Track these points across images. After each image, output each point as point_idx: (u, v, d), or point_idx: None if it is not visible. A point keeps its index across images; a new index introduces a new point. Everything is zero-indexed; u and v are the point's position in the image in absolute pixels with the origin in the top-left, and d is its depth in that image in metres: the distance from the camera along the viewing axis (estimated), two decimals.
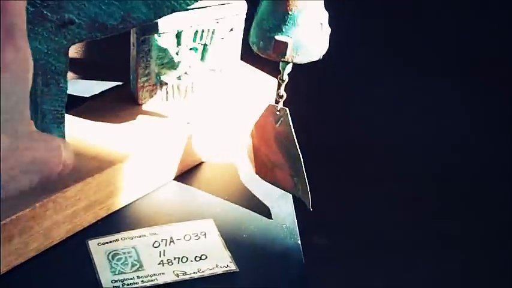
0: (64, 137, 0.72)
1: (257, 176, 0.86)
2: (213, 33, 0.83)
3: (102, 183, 0.77)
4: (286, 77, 0.77)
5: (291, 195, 0.86)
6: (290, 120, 0.78)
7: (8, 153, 0.45)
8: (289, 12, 0.71)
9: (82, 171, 0.75)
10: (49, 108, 0.70)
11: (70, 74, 1.73)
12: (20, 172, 0.46)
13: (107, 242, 0.77)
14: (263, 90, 0.90)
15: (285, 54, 0.73)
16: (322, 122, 1.90)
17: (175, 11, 0.69)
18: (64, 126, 0.72)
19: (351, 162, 1.84)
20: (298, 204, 0.85)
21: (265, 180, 0.85)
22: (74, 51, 1.74)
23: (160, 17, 0.70)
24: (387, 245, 1.67)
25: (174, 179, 0.85)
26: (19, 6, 0.50)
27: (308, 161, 0.84)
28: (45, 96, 0.69)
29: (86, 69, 1.76)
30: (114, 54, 0.96)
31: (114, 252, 0.76)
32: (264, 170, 0.85)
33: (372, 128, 1.92)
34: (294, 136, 0.78)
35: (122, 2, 0.66)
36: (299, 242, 0.80)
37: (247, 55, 0.86)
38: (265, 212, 0.83)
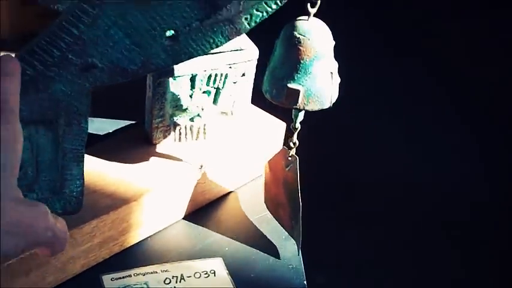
0: (83, 175, 0.75)
1: (264, 217, 0.89)
2: (225, 77, 0.87)
3: (117, 221, 0.79)
4: (298, 125, 0.81)
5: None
6: (298, 169, 0.81)
7: None
8: (301, 62, 0.75)
9: (97, 209, 0.78)
10: (70, 147, 0.73)
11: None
12: (4, 232, 0.47)
13: (120, 278, 0.80)
14: (272, 134, 0.93)
15: (297, 101, 0.76)
16: (327, 163, 1.94)
17: (192, 57, 0.73)
18: (83, 164, 0.75)
19: (351, 203, 1.87)
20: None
21: (269, 212, 0.88)
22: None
23: (178, 63, 0.74)
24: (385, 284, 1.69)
25: (185, 218, 0.88)
26: (11, 84, 0.54)
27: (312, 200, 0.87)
28: (66, 135, 0.72)
29: (100, 108, 1.80)
30: (128, 93, 0.99)
31: (127, 287, 0.79)
32: (270, 203, 0.89)
33: (371, 169, 1.95)
34: (299, 185, 0.81)
35: (142, 48, 0.70)
36: (305, 282, 0.83)
37: (258, 99, 0.89)
38: (273, 252, 0.86)
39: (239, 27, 0.72)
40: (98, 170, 0.83)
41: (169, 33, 0.70)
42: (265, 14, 0.73)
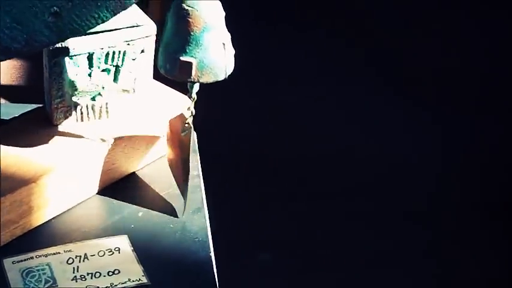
0: None
1: (172, 193, 0.89)
2: (124, 54, 0.86)
3: (15, 203, 0.78)
4: (194, 96, 0.81)
5: (205, 210, 0.89)
6: (191, 138, 0.82)
7: None
8: (191, 34, 0.75)
9: None
10: None
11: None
12: None
13: (22, 260, 0.79)
14: (175, 108, 0.93)
15: (191, 74, 0.76)
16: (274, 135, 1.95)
17: (78, 34, 0.72)
18: None
19: (298, 178, 1.88)
20: (245, 220, 0.88)
21: (170, 167, 0.90)
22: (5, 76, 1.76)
23: (63, 40, 0.73)
24: (333, 261, 1.70)
25: (90, 198, 0.87)
26: None
27: (255, 174, 0.87)
28: None
29: (12, 93, 1.78)
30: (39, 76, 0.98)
31: (28, 269, 0.78)
32: (169, 159, 0.90)
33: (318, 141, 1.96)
34: (190, 154, 0.83)
35: (24, 26, 0.69)
36: (211, 254, 0.83)
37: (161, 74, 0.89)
38: (179, 226, 0.86)
39: (124, 1, 0.72)
40: None
41: (52, 9, 0.69)
42: None
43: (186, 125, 0.83)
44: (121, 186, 0.90)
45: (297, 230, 1.74)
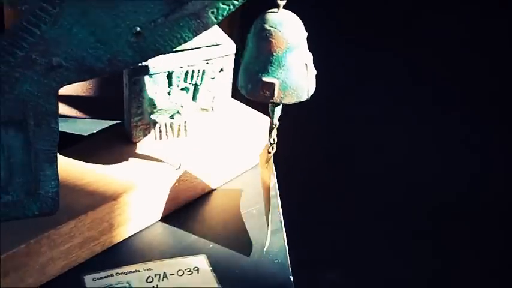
0: (57, 176, 0.75)
1: (250, 212, 0.88)
2: (203, 73, 0.86)
3: (96, 220, 0.79)
4: (276, 122, 0.80)
5: (284, 231, 0.88)
6: (273, 167, 0.81)
7: None
8: (274, 54, 0.74)
9: (75, 209, 0.78)
10: (41, 148, 0.72)
11: (72, 113, 1.78)
12: None
13: (102, 278, 0.79)
14: (254, 128, 0.93)
15: (273, 95, 0.75)
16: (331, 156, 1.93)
17: (160, 53, 0.72)
18: (56, 165, 0.74)
19: (371, 197, 1.85)
20: (311, 238, 0.86)
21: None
22: (81, 90, 1.79)
23: (146, 60, 0.73)
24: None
25: (169, 216, 0.88)
26: None
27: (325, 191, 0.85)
28: (37, 136, 0.71)
29: (87, 108, 1.81)
30: (115, 92, 0.99)
31: (108, 287, 0.78)
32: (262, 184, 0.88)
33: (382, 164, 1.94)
34: (272, 182, 0.81)
35: (107, 46, 0.69)
36: (291, 277, 0.82)
37: (239, 93, 0.89)
38: (258, 247, 0.85)
39: (206, 21, 0.72)
40: (77, 170, 0.83)
41: (135, 29, 0.70)
42: (231, 7, 0.72)
43: (269, 153, 0.82)
44: (199, 205, 0.90)
45: (366, 248, 1.72)
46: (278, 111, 0.78)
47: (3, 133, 0.71)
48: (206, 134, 0.90)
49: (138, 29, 0.70)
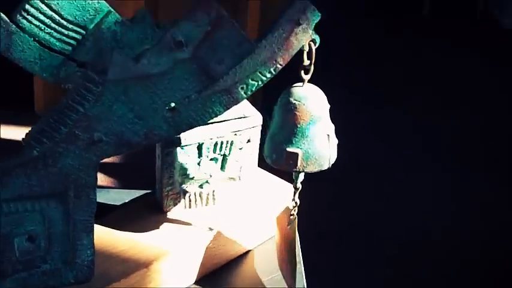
0: (93, 245, 0.78)
1: (274, 278, 0.91)
2: (231, 144, 0.90)
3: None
4: (299, 186, 0.84)
5: None
6: (296, 229, 0.84)
7: None
8: (298, 126, 0.78)
9: (109, 277, 0.81)
10: (80, 219, 0.76)
11: (105, 182, 1.83)
12: None
13: None
14: (279, 196, 0.96)
15: (297, 164, 0.79)
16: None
17: (193, 127, 0.76)
18: (93, 234, 0.78)
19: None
20: None
21: (278, 265, 0.91)
22: (110, 160, 1.83)
23: (180, 133, 0.78)
24: None
25: (197, 282, 0.90)
26: None
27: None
28: (76, 207, 0.75)
29: (118, 178, 1.85)
30: (145, 163, 1.03)
31: None
32: (279, 256, 0.91)
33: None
34: (296, 244, 0.84)
35: (145, 121, 0.74)
36: None
37: (265, 162, 0.93)
38: None
39: (236, 96, 0.76)
40: (110, 239, 0.87)
41: (169, 105, 0.74)
42: (260, 82, 0.76)
43: (292, 217, 0.86)
44: (225, 271, 0.93)
45: None
46: (301, 177, 0.82)
47: (45, 205, 0.75)
48: (233, 203, 0.94)
49: (173, 104, 0.74)
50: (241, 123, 0.90)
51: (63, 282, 0.79)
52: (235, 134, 0.90)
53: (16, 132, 1.77)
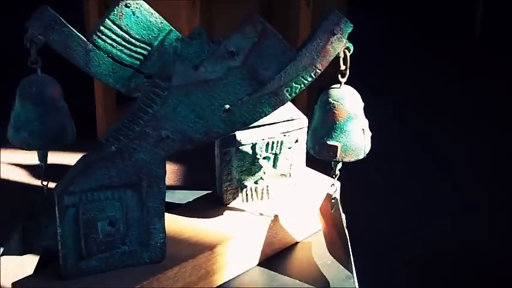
0: (164, 229, 0.91)
1: (325, 262, 1.02)
2: (281, 144, 1.03)
3: (196, 267, 0.95)
4: (337, 172, 0.96)
5: (355, 277, 1.01)
6: (340, 208, 0.95)
7: None
8: (337, 122, 0.91)
9: (179, 258, 0.94)
10: (152, 205, 0.89)
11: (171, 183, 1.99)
12: None
13: None
14: (323, 188, 1.08)
15: (336, 155, 0.91)
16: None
17: (246, 125, 0.89)
18: (164, 220, 0.91)
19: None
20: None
21: (330, 254, 1.01)
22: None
23: (234, 131, 0.91)
24: None
25: (257, 265, 1.02)
26: None
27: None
28: (149, 196, 0.89)
29: (182, 180, 2.00)
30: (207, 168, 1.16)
31: None
32: (330, 246, 1.02)
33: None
34: (343, 221, 0.95)
35: (204, 120, 0.87)
36: None
37: (311, 162, 1.05)
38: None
39: (282, 98, 0.89)
40: (180, 228, 1.00)
41: (225, 107, 0.87)
42: (302, 85, 0.89)
43: (333, 200, 0.97)
44: (281, 257, 1.05)
45: None
46: (339, 164, 0.94)
47: (123, 194, 0.88)
48: (285, 197, 1.06)
49: (228, 106, 0.87)
50: (289, 125, 1.02)
51: (139, 261, 0.92)
52: (284, 135, 1.02)
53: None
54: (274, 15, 2.59)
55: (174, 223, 1.00)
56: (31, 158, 0.98)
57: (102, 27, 0.89)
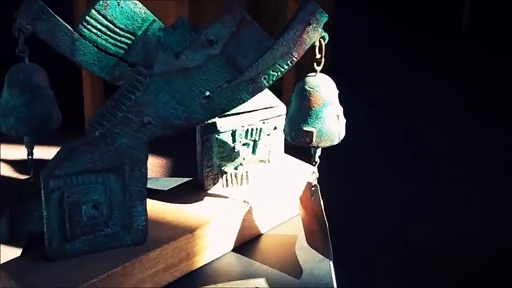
0: (146, 212, 0.95)
1: (301, 246, 1.06)
2: (260, 131, 1.06)
3: (176, 249, 0.98)
4: (317, 159, 0.99)
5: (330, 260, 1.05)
6: (320, 194, 0.99)
7: None
8: (312, 109, 0.94)
9: (160, 240, 0.97)
10: (134, 189, 0.93)
11: (154, 173, 2.03)
12: None
13: None
14: (303, 177, 1.11)
15: (312, 141, 0.95)
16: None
17: (225, 112, 0.93)
18: (146, 203, 0.95)
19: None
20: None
21: (308, 243, 1.05)
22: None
23: (214, 117, 0.94)
24: None
25: (234, 250, 1.06)
26: None
27: None
28: (131, 179, 0.92)
29: (165, 169, 2.03)
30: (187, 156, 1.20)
31: None
32: (308, 235, 1.05)
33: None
34: (322, 207, 0.99)
35: (185, 106, 0.90)
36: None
37: (289, 149, 1.09)
38: (308, 271, 1.02)
39: (260, 85, 0.93)
40: (160, 211, 1.03)
41: (205, 93, 0.91)
42: (279, 73, 0.93)
43: (313, 188, 1.01)
44: (258, 241, 1.09)
45: None
46: (318, 151, 0.97)
47: (106, 178, 0.91)
48: (264, 182, 1.10)
49: (208, 93, 0.91)
50: (268, 113, 1.06)
51: (122, 243, 0.95)
52: (264, 122, 1.06)
53: None
54: (262, 11, 2.63)
55: (156, 207, 1.03)
56: (22, 153, 1.01)
57: (87, 17, 0.92)
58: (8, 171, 2.29)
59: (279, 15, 2.57)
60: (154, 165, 2.22)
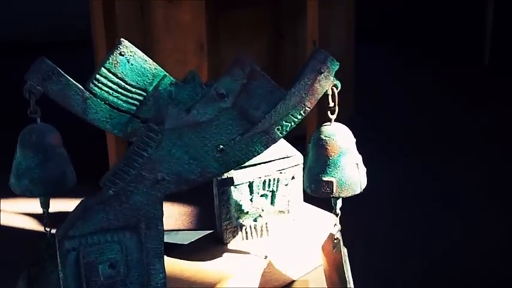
0: (164, 270, 0.93)
1: None
2: (278, 181, 1.05)
3: None
4: (338, 211, 0.97)
5: None
6: (342, 249, 0.96)
7: None
8: (330, 158, 0.92)
9: None
10: (151, 247, 0.91)
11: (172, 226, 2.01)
12: None
13: None
14: (325, 226, 1.09)
15: (333, 191, 0.93)
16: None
17: (240, 164, 0.91)
18: (163, 260, 0.93)
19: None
20: None
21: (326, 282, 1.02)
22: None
23: (229, 170, 0.93)
24: None
25: None
26: None
27: None
28: (147, 237, 0.91)
29: (189, 218, 2.01)
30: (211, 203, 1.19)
31: None
32: (326, 275, 1.03)
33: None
34: (345, 262, 0.96)
35: (198, 161, 0.89)
36: None
37: (309, 197, 1.07)
38: None
39: (273, 136, 0.91)
40: (180, 268, 1.01)
41: (218, 147, 0.90)
42: (293, 123, 0.91)
43: (335, 240, 0.99)
44: None
45: None
46: (339, 203, 0.95)
47: (122, 236, 0.90)
48: (285, 233, 1.08)
49: (221, 146, 0.90)
50: (285, 163, 1.04)
51: None
52: (281, 172, 1.04)
53: None
54: (283, 54, 2.65)
55: (174, 263, 1.01)
56: (36, 206, 1.01)
57: (98, 76, 0.92)
58: (24, 224, 2.29)
59: (298, 59, 2.59)
60: (178, 214, 2.20)
